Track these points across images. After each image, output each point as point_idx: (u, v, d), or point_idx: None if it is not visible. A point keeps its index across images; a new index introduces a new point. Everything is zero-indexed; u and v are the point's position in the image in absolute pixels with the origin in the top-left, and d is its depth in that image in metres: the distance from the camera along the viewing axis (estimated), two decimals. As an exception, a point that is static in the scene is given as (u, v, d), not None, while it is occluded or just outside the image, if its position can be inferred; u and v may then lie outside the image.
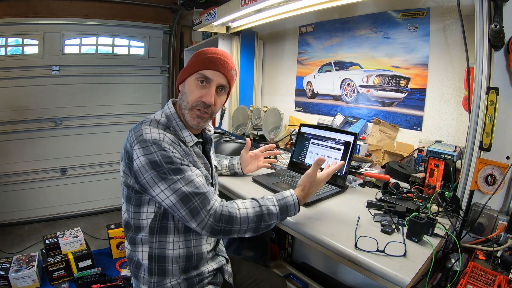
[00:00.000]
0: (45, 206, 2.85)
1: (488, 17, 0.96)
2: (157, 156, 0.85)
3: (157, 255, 0.96)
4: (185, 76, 0.98)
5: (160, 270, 0.96)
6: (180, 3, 2.96)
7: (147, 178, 0.85)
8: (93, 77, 2.86)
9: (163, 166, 0.84)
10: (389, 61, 1.62)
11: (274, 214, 0.90)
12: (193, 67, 0.96)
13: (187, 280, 0.99)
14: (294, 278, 1.91)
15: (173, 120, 0.98)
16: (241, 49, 2.35)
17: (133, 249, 0.99)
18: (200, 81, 0.95)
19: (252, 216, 0.88)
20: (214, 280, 1.08)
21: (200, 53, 0.98)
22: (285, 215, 0.93)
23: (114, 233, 2.26)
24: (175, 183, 0.84)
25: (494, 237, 1.02)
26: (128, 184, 0.94)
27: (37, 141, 2.74)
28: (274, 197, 0.93)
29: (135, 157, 0.86)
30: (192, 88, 0.96)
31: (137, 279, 0.99)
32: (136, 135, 0.88)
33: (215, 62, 0.95)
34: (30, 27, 2.55)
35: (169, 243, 0.96)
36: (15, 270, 1.85)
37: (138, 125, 0.91)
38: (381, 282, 0.78)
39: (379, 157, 1.60)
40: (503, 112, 1.04)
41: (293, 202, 0.93)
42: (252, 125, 2.27)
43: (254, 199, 0.93)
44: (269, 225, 0.91)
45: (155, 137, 0.87)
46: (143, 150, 0.85)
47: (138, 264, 0.98)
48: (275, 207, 0.91)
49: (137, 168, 0.86)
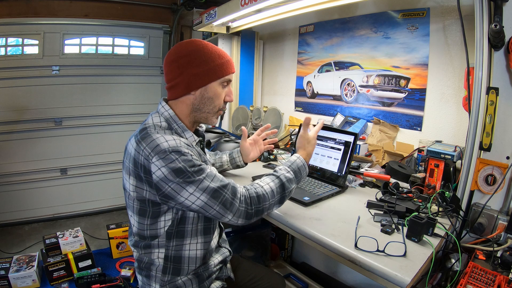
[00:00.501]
0: (45, 206, 2.84)
1: (488, 17, 0.96)
2: (179, 162, 0.83)
3: (173, 256, 0.96)
4: (208, 81, 0.93)
5: (175, 269, 0.96)
6: (180, 3, 2.95)
7: (172, 186, 0.82)
8: (93, 77, 2.85)
9: (188, 171, 0.83)
10: (389, 61, 1.62)
11: (292, 179, 0.97)
12: (218, 72, 0.94)
13: (196, 275, 1.00)
14: (294, 278, 1.91)
15: (174, 123, 0.94)
16: (241, 49, 2.35)
17: (146, 251, 0.96)
18: (224, 85, 0.98)
19: (276, 188, 0.94)
20: (220, 274, 1.09)
21: (218, 56, 0.94)
22: (300, 177, 1.00)
23: (114, 233, 2.26)
24: (202, 182, 0.84)
25: (494, 237, 1.03)
26: (143, 198, 0.89)
27: (37, 141, 2.74)
28: (285, 165, 1.00)
29: (154, 170, 0.82)
30: (219, 92, 0.96)
31: (148, 277, 0.98)
32: (150, 147, 0.83)
33: (233, 65, 1.00)
34: (30, 27, 2.55)
35: (187, 245, 0.96)
36: (15, 270, 1.85)
37: (146, 136, 0.86)
38: (381, 282, 0.78)
39: (379, 157, 1.60)
40: (503, 112, 1.04)
41: (302, 163, 1.01)
42: (252, 125, 2.27)
43: (269, 174, 0.98)
44: (291, 191, 0.97)
45: (173, 144, 0.84)
46: (163, 161, 0.82)
47: (150, 264, 0.97)
48: (290, 173, 0.97)
49: (158, 179, 0.82)
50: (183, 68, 0.91)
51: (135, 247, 0.99)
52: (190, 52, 0.91)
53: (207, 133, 1.80)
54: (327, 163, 1.40)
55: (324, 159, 1.41)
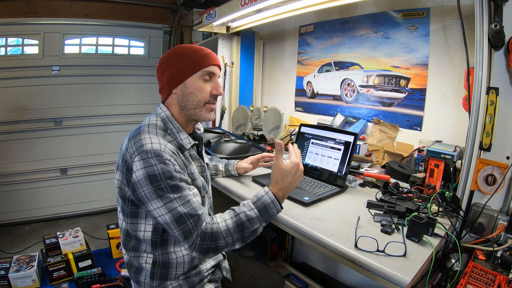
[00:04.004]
0: (45, 206, 2.85)
1: (488, 17, 0.96)
2: (156, 169, 0.83)
3: (161, 261, 0.96)
4: (184, 77, 0.96)
5: (162, 274, 0.96)
6: (180, 3, 2.96)
7: (146, 192, 0.83)
8: (93, 77, 2.86)
9: (162, 181, 0.83)
10: (389, 61, 1.62)
11: (255, 218, 0.87)
12: (193, 67, 0.96)
13: (187, 280, 0.99)
14: (294, 278, 1.91)
15: (170, 123, 0.97)
16: (241, 49, 2.35)
17: (135, 255, 0.98)
18: (205, 78, 0.98)
19: (233, 227, 0.86)
20: (213, 277, 1.08)
21: (192, 52, 0.97)
22: (267, 215, 0.88)
23: (114, 233, 2.26)
24: (171, 202, 0.83)
25: (494, 237, 1.02)
26: (124, 196, 0.92)
27: (37, 141, 2.75)
28: (250, 201, 0.90)
29: (134, 169, 0.84)
30: (200, 86, 0.97)
31: (138, 284, 0.99)
32: (136, 145, 0.85)
33: (214, 58, 0.99)
34: (30, 27, 2.55)
35: (173, 253, 0.96)
36: (15, 270, 1.85)
37: (137, 133, 0.89)
38: (381, 282, 0.78)
39: (379, 157, 1.60)
40: (503, 112, 1.04)
41: (270, 200, 0.88)
42: (252, 125, 2.27)
43: (232, 209, 0.90)
44: (254, 231, 0.87)
45: (156, 147, 0.84)
46: (143, 162, 0.83)
47: (139, 269, 0.97)
48: (253, 211, 0.87)
49: (136, 180, 0.84)
50: (164, 72, 0.99)
51: (125, 248, 1.00)
52: (169, 56, 0.98)
53: (207, 133, 1.80)
54: (327, 163, 1.40)
55: (324, 159, 1.41)
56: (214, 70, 0.99)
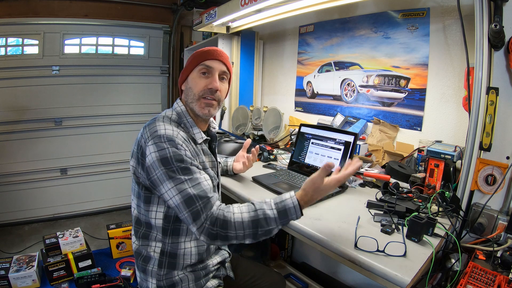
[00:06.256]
0: (45, 206, 2.85)
1: (488, 17, 0.96)
2: (168, 152, 0.86)
3: (169, 251, 0.97)
4: (187, 73, 1.02)
5: (170, 263, 0.98)
6: (180, 3, 2.95)
7: (158, 174, 0.86)
8: (93, 77, 2.85)
9: (173, 163, 0.85)
10: (389, 61, 1.62)
11: (272, 218, 0.83)
12: (193, 62, 1.00)
13: (194, 272, 1.01)
14: (294, 278, 1.91)
15: (184, 118, 1.00)
16: (241, 49, 2.35)
17: (143, 243, 0.99)
18: (203, 72, 0.99)
19: (248, 221, 0.83)
20: (218, 273, 1.10)
21: (199, 51, 1.02)
22: (285, 219, 0.85)
23: (114, 233, 2.26)
24: (181, 183, 0.85)
25: (494, 237, 1.03)
26: (138, 181, 0.95)
27: (37, 141, 2.74)
28: (273, 200, 0.86)
29: (147, 153, 0.87)
30: (196, 81, 1.00)
31: (145, 273, 1.00)
32: (150, 131, 0.89)
33: (213, 53, 1.00)
34: (30, 27, 2.55)
35: (182, 243, 0.98)
36: (15, 270, 1.85)
37: (152, 121, 0.93)
38: (381, 282, 0.78)
39: (379, 157, 1.61)
40: (503, 112, 1.04)
41: (293, 205, 0.84)
42: (252, 125, 2.27)
43: (252, 203, 0.87)
44: (268, 231, 0.84)
45: (169, 133, 0.88)
46: (156, 146, 0.86)
47: (148, 258, 0.99)
48: (272, 211, 0.84)
49: (149, 164, 0.87)
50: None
51: (135, 235, 1.02)
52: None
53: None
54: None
55: (324, 159, 1.41)
56: (211, 64, 0.99)
